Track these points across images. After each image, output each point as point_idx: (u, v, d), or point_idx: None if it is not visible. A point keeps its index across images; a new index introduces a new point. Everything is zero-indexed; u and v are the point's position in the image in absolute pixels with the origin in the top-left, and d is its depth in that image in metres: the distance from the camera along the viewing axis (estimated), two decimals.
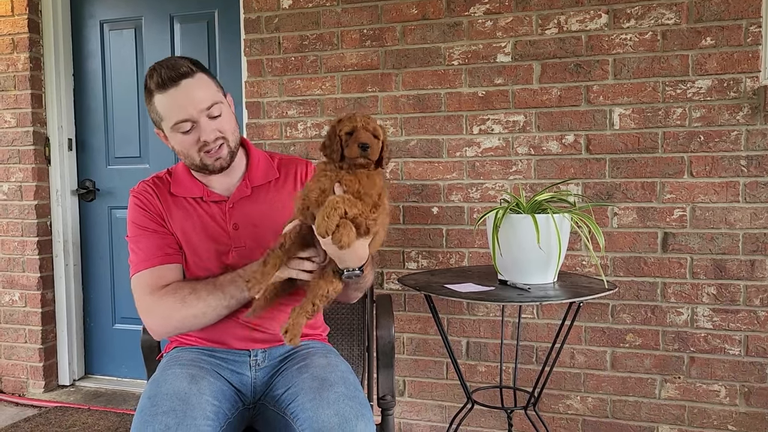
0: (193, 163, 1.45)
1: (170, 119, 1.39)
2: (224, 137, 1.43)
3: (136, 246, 1.46)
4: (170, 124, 1.39)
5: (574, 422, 2.38)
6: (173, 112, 1.38)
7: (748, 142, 2.15)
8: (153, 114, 1.43)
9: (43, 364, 3.06)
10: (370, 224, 1.22)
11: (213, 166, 1.44)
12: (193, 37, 2.91)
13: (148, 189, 1.51)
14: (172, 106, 1.37)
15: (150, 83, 1.39)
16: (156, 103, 1.40)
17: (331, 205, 1.15)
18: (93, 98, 3.09)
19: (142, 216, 1.48)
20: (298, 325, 1.28)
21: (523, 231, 1.82)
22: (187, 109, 1.37)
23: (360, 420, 1.21)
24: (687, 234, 2.22)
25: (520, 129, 2.36)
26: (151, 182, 1.54)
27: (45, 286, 3.05)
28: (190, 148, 1.41)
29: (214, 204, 1.49)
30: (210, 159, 1.42)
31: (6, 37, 2.96)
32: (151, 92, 1.40)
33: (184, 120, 1.38)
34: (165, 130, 1.43)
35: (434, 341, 2.51)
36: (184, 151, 1.43)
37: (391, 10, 2.47)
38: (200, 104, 1.38)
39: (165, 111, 1.39)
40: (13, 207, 3.03)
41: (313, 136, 2.59)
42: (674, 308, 2.25)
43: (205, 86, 1.41)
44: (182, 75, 1.37)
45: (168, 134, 1.43)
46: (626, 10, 2.23)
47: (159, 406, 1.21)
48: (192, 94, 1.37)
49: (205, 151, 1.41)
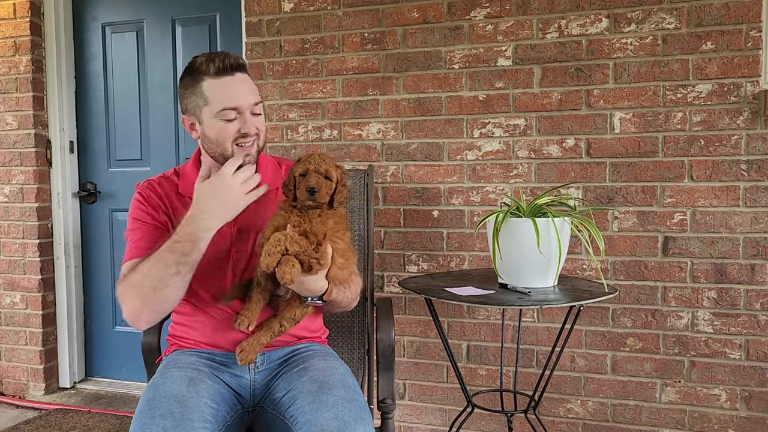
0: (224, 153, 1.44)
1: (219, 104, 1.41)
2: (258, 135, 1.47)
3: (129, 238, 1.47)
4: (217, 109, 1.41)
5: (575, 426, 2.38)
6: (225, 98, 1.41)
7: (749, 147, 2.15)
8: (194, 97, 1.43)
9: (44, 367, 3.06)
10: (313, 262, 1.26)
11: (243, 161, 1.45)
12: (195, 40, 2.91)
13: (152, 186, 1.53)
14: (225, 93, 1.41)
15: (204, 66, 1.41)
16: (205, 87, 1.41)
17: (273, 242, 1.22)
18: (94, 101, 3.09)
19: (140, 210, 1.49)
20: (257, 344, 1.35)
21: (523, 235, 1.83)
22: (239, 99, 1.41)
23: (359, 423, 1.21)
24: (687, 238, 2.22)
25: (521, 133, 2.36)
26: (156, 181, 1.55)
27: (46, 288, 3.05)
28: (227, 137, 1.42)
29: None
30: (241, 153, 1.43)
31: (8, 40, 2.97)
32: (201, 75, 1.41)
33: (234, 108, 1.41)
34: (205, 115, 1.43)
35: (434, 344, 2.51)
36: (219, 139, 1.43)
37: (392, 13, 2.48)
38: (250, 98, 1.43)
39: (215, 95, 1.41)
40: (15, 209, 3.04)
41: (314, 139, 2.60)
42: (675, 312, 2.25)
43: (252, 84, 1.47)
44: (240, 67, 1.44)
45: (207, 120, 1.43)
46: (627, 15, 2.23)
47: (157, 409, 1.21)
48: (245, 87, 1.43)
49: (240, 144, 1.43)
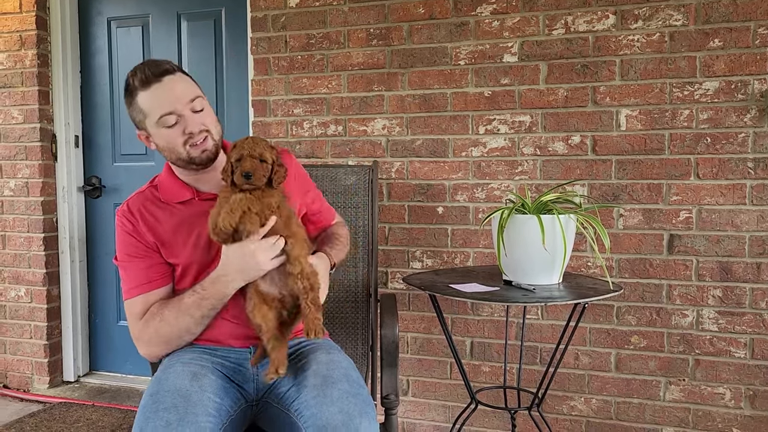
0: (180, 158, 1.46)
1: (155, 114, 1.42)
2: (208, 130, 1.46)
3: (124, 272, 1.50)
4: (155, 119, 1.42)
5: (578, 423, 2.37)
6: (158, 105, 1.41)
7: (756, 145, 2.14)
8: (136, 113, 1.46)
9: (48, 360, 3.07)
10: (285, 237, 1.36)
11: (200, 158, 1.45)
12: (200, 35, 2.91)
13: (132, 209, 1.51)
14: (156, 101, 1.41)
15: (133, 82, 1.43)
16: (139, 101, 1.43)
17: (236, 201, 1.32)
18: (100, 95, 3.10)
19: (127, 242, 1.49)
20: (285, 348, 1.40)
21: (528, 231, 1.82)
22: (172, 103, 1.41)
23: (364, 417, 1.21)
24: (693, 236, 2.21)
25: (526, 129, 2.36)
26: (134, 200, 1.54)
27: (50, 282, 3.06)
28: (175, 141, 1.43)
29: (204, 202, 1.50)
30: (197, 151, 1.44)
31: (14, 34, 2.98)
32: (134, 91, 1.43)
33: (169, 113, 1.41)
34: (149, 128, 1.45)
35: (438, 341, 2.51)
36: (169, 146, 1.45)
37: (398, 9, 2.47)
38: (183, 98, 1.42)
39: (149, 107, 1.42)
40: (20, 203, 3.04)
41: (318, 134, 2.60)
42: (679, 310, 2.24)
43: (185, 82, 1.46)
44: (164, 72, 1.42)
45: (152, 131, 1.45)
46: (634, 11, 2.22)
47: (161, 403, 1.22)
48: (175, 89, 1.42)
49: (191, 144, 1.43)
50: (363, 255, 2.03)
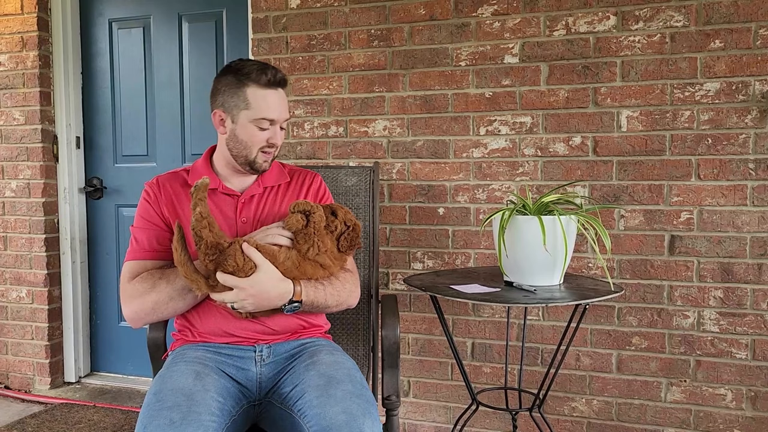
0: (247, 156, 1.55)
1: (259, 113, 1.51)
2: (278, 147, 1.60)
3: (135, 236, 1.56)
4: (255, 116, 1.51)
5: (579, 425, 2.37)
6: (266, 109, 1.52)
7: (757, 146, 2.14)
8: (235, 99, 1.52)
9: (50, 361, 3.07)
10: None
11: (261, 165, 1.57)
12: (201, 36, 2.91)
13: (160, 182, 1.60)
14: (267, 104, 1.52)
15: (254, 75, 1.50)
16: (249, 93, 1.51)
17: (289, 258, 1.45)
18: (101, 96, 3.10)
19: (147, 209, 1.57)
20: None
21: (529, 232, 1.82)
22: (279, 113, 1.54)
23: (367, 417, 1.22)
24: (694, 237, 2.21)
25: (527, 130, 2.36)
26: (165, 176, 1.63)
27: (52, 283, 3.06)
28: (256, 143, 1.54)
29: (226, 196, 1.58)
30: (263, 159, 1.57)
31: (15, 35, 2.98)
32: (248, 81, 1.50)
33: (272, 119, 1.53)
34: (241, 117, 1.52)
35: (439, 342, 2.51)
36: (249, 142, 1.54)
37: (398, 10, 2.47)
38: (285, 114, 1.57)
39: (258, 104, 1.51)
40: (21, 204, 3.05)
41: (319, 135, 2.60)
42: (681, 311, 2.24)
43: (287, 102, 1.60)
44: (284, 83, 1.57)
45: (243, 122, 1.52)
46: (635, 12, 2.22)
47: (164, 402, 1.23)
48: (284, 103, 1.57)
49: (264, 152, 1.56)
50: (364, 256, 2.03)
